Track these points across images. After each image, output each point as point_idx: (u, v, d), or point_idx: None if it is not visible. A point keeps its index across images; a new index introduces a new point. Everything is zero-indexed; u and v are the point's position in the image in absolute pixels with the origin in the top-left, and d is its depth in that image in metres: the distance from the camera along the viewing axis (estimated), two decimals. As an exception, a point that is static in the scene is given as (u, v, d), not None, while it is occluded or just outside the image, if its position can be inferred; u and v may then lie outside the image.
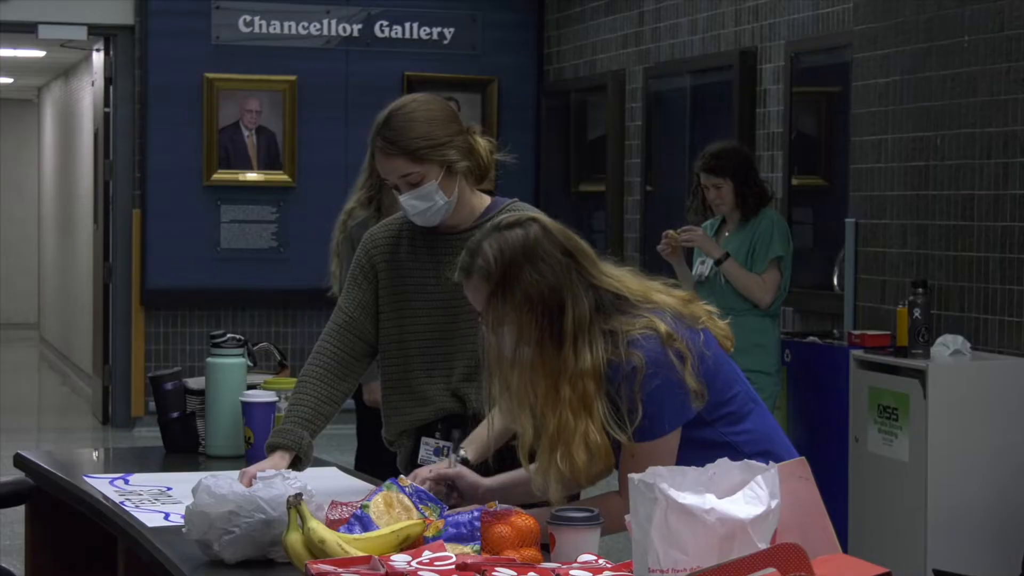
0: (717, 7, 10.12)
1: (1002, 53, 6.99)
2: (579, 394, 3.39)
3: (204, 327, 11.32)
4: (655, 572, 2.25)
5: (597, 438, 3.37)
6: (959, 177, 7.28)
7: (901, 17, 7.63)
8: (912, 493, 6.75)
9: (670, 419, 3.42)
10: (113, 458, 4.99)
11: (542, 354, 3.42)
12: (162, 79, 11.97)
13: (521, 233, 3.48)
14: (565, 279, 3.46)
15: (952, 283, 7.30)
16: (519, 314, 3.42)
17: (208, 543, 3.49)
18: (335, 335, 4.25)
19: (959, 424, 6.70)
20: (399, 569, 2.92)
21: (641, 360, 3.35)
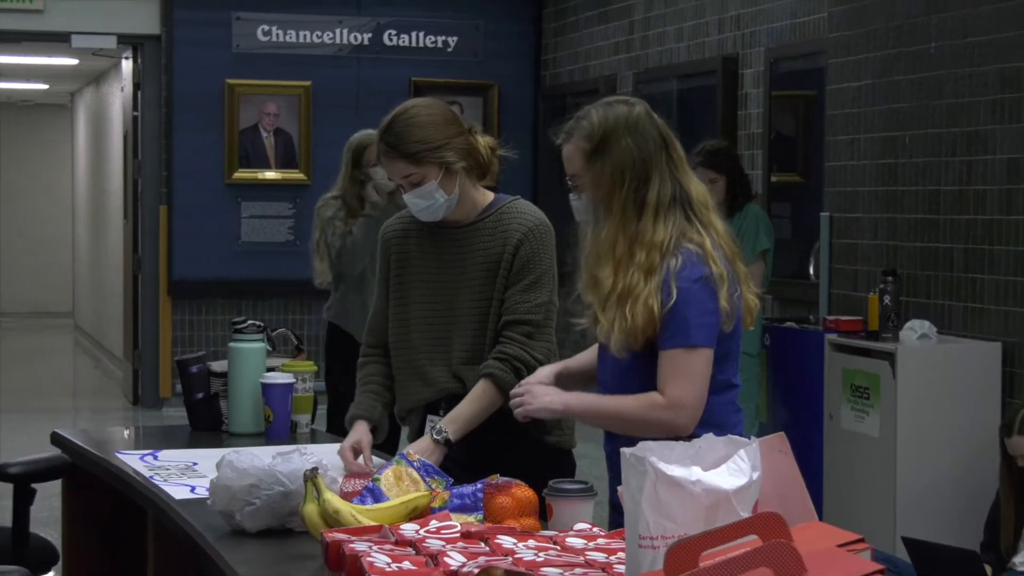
0: (702, 16, 10.11)
1: (965, 59, 6.99)
2: (649, 261, 3.49)
3: (226, 314, 11.32)
4: (646, 539, 2.25)
5: (653, 304, 3.45)
6: (926, 174, 7.28)
7: (872, 25, 7.63)
8: (882, 466, 6.75)
9: (699, 330, 3.49)
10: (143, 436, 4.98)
11: (624, 218, 3.54)
12: (186, 85, 11.97)
13: (626, 109, 3.60)
14: (656, 158, 3.57)
15: (919, 272, 7.30)
16: (611, 178, 3.54)
17: (231, 514, 3.49)
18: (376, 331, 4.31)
19: (926, 403, 6.71)
20: (408, 537, 2.92)
21: (682, 261, 3.48)
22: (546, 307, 4.09)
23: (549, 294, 4.11)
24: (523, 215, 4.15)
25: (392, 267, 4.25)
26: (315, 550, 3.20)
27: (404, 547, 2.86)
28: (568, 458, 4.21)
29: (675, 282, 3.46)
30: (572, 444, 4.23)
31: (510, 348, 4.01)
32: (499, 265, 4.10)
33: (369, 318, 4.37)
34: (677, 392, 3.50)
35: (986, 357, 6.79)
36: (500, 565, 2.60)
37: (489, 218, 4.15)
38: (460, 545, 2.84)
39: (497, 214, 4.16)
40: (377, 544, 2.88)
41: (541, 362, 4.01)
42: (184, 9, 11.98)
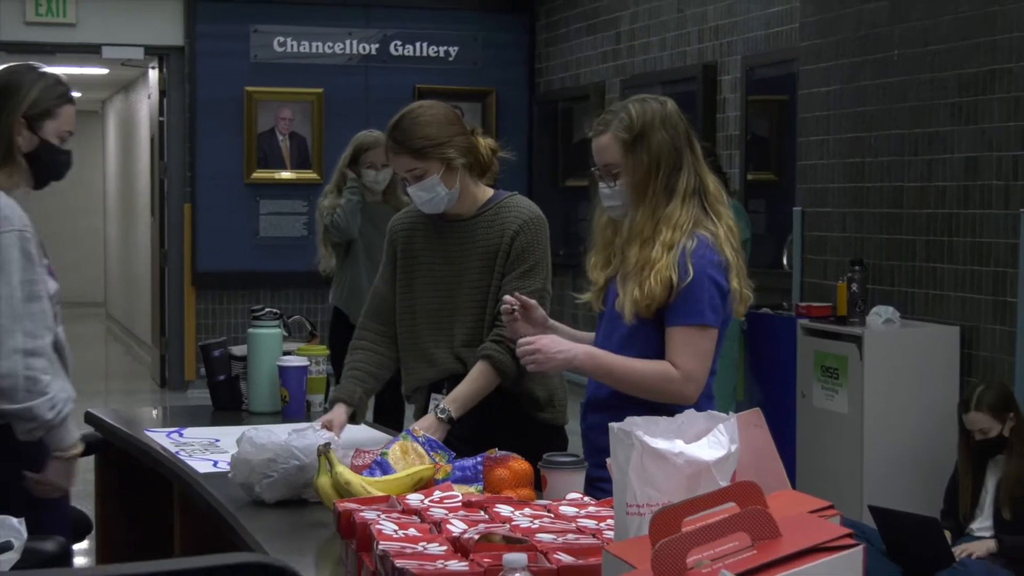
0: (683, 27, 10.11)
1: (926, 65, 6.99)
2: (672, 239, 3.53)
3: (246, 303, 11.31)
4: (632, 507, 2.25)
5: (672, 275, 3.49)
6: (890, 171, 7.28)
7: (840, 35, 7.63)
8: (850, 441, 6.76)
9: (711, 310, 3.53)
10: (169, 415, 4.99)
11: (656, 202, 3.59)
12: (208, 92, 11.96)
13: (659, 105, 3.65)
14: (685, 150, 3.63)
15: (884, 262, 7.31)
16: (647, 166, 3.58)
17: (250, 486, 3.49)
18: (374, 312, 4.29)
19: (890, 382, 6.71)
20: (413, 506, 2.92)
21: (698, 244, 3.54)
22: (540, 293, 4.09)
23: (543, 281, 4.12)
24: (519, 208, 4.16)
25: (399, 258, 4.25)
26: (328, 519, 3.20)
27: (410, 515, 2.86)
28: (560, 433, 4.21)
29: (691, 262, 3.50)
30: (564, 421, 4.23)
31: (506, 331, 4.01)
32: (497, 254, 4.11)
33: (369, 297, 4.35)
34: (690, 367, 3.54)
35: (946, 340, 6.79)
36: (498, 531, 2.60)
37: (488, 212, 4.16)
38: (462, 513, 2.84)
39: (495, 208, 4.16)
40: (385, 513, 2.88)
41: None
42: (206, 22, 11.97)
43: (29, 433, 3.62)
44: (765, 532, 1.97)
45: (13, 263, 3.58)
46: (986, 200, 6.66)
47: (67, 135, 3.78)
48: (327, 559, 3.03)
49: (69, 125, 3.78)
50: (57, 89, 3.76)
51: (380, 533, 2.67)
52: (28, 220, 3.65)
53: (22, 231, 3.61)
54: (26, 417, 3.59)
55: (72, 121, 3.79)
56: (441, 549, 2.56)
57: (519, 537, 2.58)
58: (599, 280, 3.74)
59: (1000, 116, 6.57)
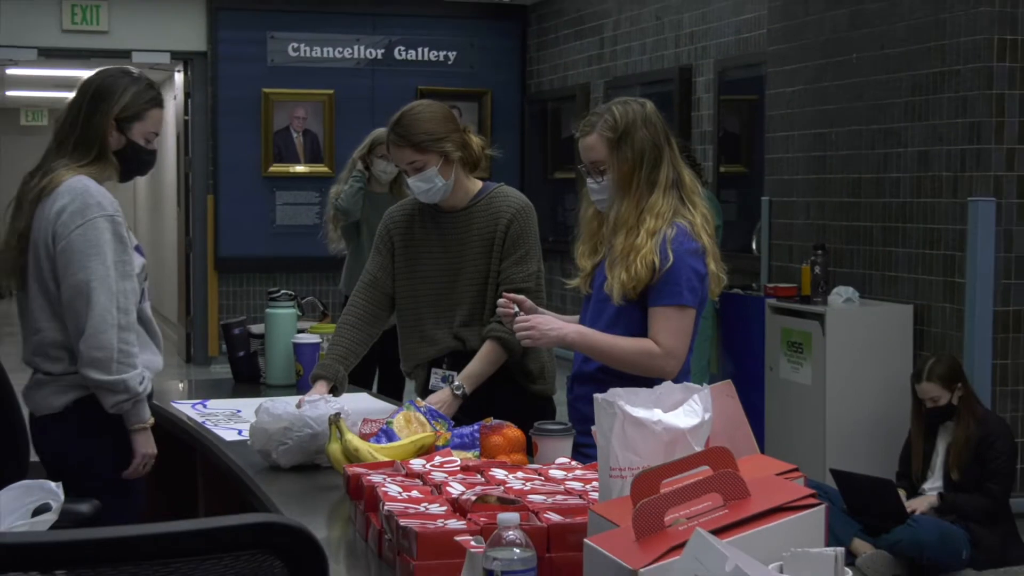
0: (661, 33, 10.10)
1: (882, 67, 6.99)
2: (655, 226, 3.53)
3: (263, 286, 11.32)
4: (615, 470, 2.25)
5: (655, 259, 3.49)
6: (849, 164, 7.28)
7: (804, 40, 7.62)
8: (813, 409, 6.77)
9: (689, 292, 3.53)
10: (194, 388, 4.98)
11: (639, 194, 3.58)
12: (229, 93, 11.95)
13: (639, 107, 3.64)
14: (664, 146, 3.63)
15: (844, 246, 7.31)
16: (632, 161, 3.58)
17: (267, 452, 3.49)
18: (363, 292, 4.24)
19: (850, 355, 6.72)
20: (416, 470, 2.91)
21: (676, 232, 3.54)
22: (536, 275, 4.10)
23: (537, 264, 4.12)
24: (510, 198, 4.15)
25: (398, 247, 4.22)
26: (338, 482, 3.20)
27: (413, 479, 2.86)
28: (550, 404, 4.21)
29: (671, 247, 3.50)
30: (553, 391, 4.24)
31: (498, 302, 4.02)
32: (493, 242, 4.10)
33: (360, 279, 4.32)
34: (670, 343, 3.54)
35: (900, 317, 6.80)
36: (494, 493, 2.60)
37: (480, 202, 4.15)
38: (460, 477, 2.84)
39: (487, 199, 4.15)
40: (390, 476, 2.88)
41: None
42: (227, 30, 11.95)
43: (118, 405, 3.62)
44: (736, 493, 1.97)
45: (106, 244, 3.60)
46: (937, 190, 6.66)
47: (152, 136, 3.81)
48: (338, 519, 3.03)
49: (155, 127, 3.80)
50: (147, 94, 3.78)
51: (386, 495, 2.67)
52: (118, 206, 3.68)
53: (113, 216, 3.64)
54: (118, 388, 3.59)
55: (158, 124, 3.81)
56: (441, 509, 2.56)
57: (512, 498, 2.58)
58: (586, 267, 3.75)
59: (949, 113, 6.56)
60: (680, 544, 1.80)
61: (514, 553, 1.91)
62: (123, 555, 1.64)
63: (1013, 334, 6.49)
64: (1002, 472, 5.98)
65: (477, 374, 4.01)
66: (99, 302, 3.57)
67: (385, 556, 2.57)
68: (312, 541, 1.73)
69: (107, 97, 3.72)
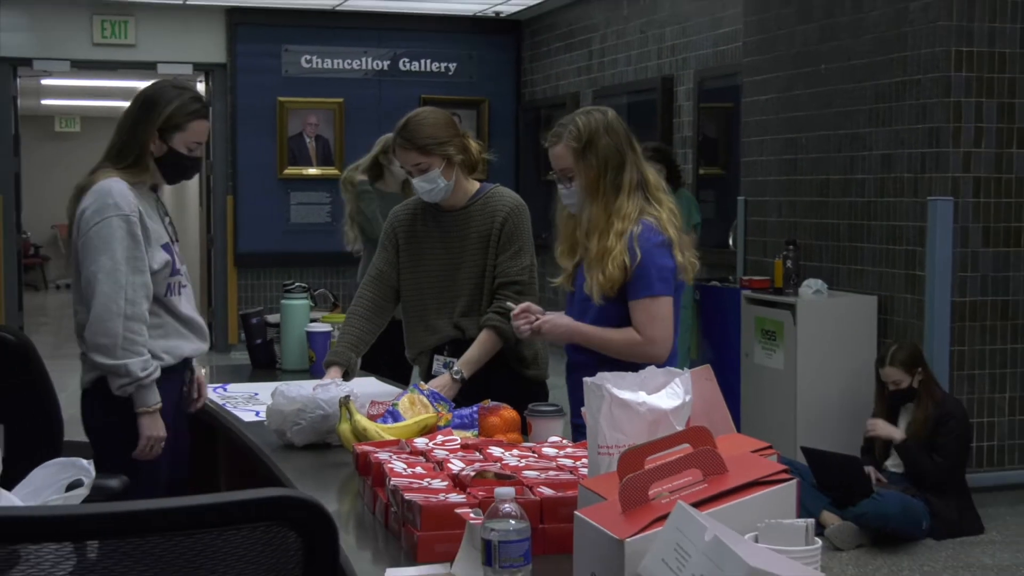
0: (645, 46, 10.09)
1: (848, 77, 6.98)
2: (622, 228, 3.51)
3: (278, 279, 11.30)
4: (603, 448, 2.25)
5: (625, 259, 3.48)
6: (818, 166, 7.28)
7: (777, 52, 7.62)
8: (786, 392, 6.77)
9: (659, 282, 3.50)
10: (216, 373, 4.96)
11: (606, 198, 3.56)
12: (247, 101, 11.93)
13: (601, 115, 3.62)
14: (627, 151, 3.60)
15: (814, 242, 7.31)
16: (596, 168, 3.55)
17: (283, 432, 3.48)
18: (371, 285, 4.25)
19: (819, 343, 6.72)
20: (420, 448, 2.91)
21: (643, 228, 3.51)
22: (530, 269, 4.10)
23: (531, 258, 4.12)
24: (505, 198, 4.15)
25: (403, 243, 4.22)
26: (348, 459, 3.20)
27: (417, 456, 2.86)
28: (543, 387, 4.21)
29: (638, 245, 3.48)
30: (546, 376, 4.23)
31: (506, 304, 4.01)
32: (489, 238, 4.10)
33: (367, 272, 4.32)
34: (651, 332, 3.53)
35: (865, 307, 6.80)
36: (491, 469, 2.60)
37: (477, 202, 4.15)
38: (460, 454, 2.84)
39: (484, 199, 4.15)
40: (396, 454, 2.88)
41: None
42: (244, 43, 11.94)
43: (122, 388, 3.64)
44: (714, 468, 1.97)
45: (117, 242, 3.63)
46: (899, 190, 6.66)
47: (195, 145, 3.80)
48: (347, 493, 3.03)
49: (197, 137, 3.79)
50: (190, 106, 3.77)
51: (392, 471, 2.67)
52: (137, 207, 3.68)
53: (128, 216, 3.66)
54: (120, 372, 3.61)
55: (200, 134, 3.79)
56: (443, 484, 2.56)
57: (508, 474, 2.58)
58: (568, 266, 3.74)
59: (910, 119, 6.56)
60: (663, 516, 1.80)
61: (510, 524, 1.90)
62: (149, 527, 1.64)
63: (969, 323, 6.49)
64: (949, 448, 6.00)
65: (475, 360, 4.02)
66: (103, 292, 3.60)
67: (391, 527, 2.57)
68: (324, 514, 1.73)
69: (152, 107, 3.74)
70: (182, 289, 3.87)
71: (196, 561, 1.66)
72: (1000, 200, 6.50)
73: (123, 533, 1.63)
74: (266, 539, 1.69)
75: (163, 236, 3.79)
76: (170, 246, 3.81)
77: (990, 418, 6.53)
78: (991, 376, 6.53)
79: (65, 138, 21.52)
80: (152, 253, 3.71)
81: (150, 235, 3.72)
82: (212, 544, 1.66)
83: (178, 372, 3.88)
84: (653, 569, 1.70)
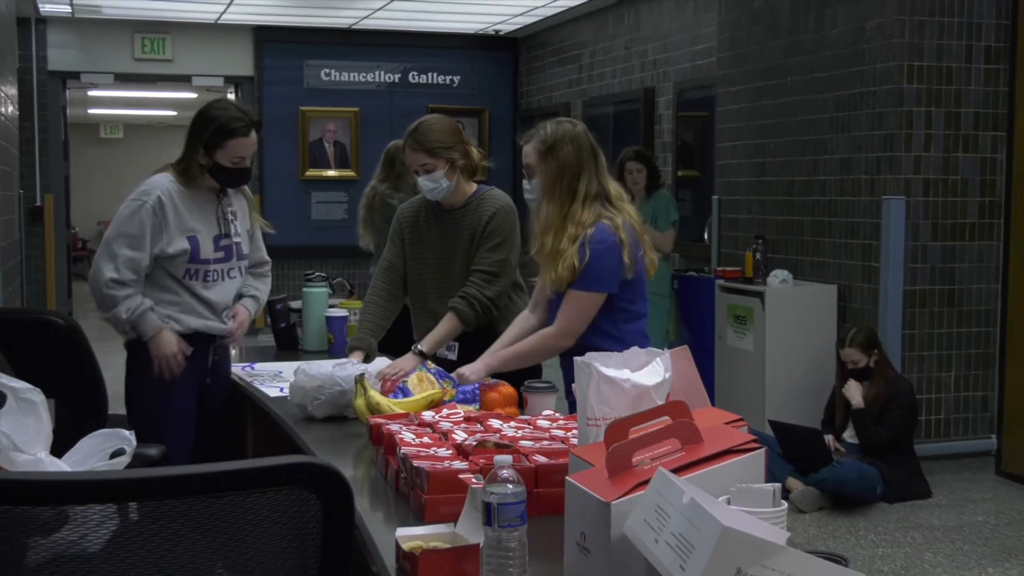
0: (629, 61, 10.08)
1: (812, 88, 6.98)
2: (575, 232, 3.46)
3: (300, 269, 11.29)
4: (592, 420, 2.24)
5: (574, 261, 3.44)
6: (784, 169, 7.27)
7: (747, 66, 7.60)
8: (755, 371, 6.77)
9: (598, 281, 3.45)
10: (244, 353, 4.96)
11: (561, 201, 3.51)
12: (272, 110, 11.90)
13: (571, 126, 3.57)
14: (588, 163, 3.54)
15: (780, 237, 7.31)
16: (555, 171, 3.51)
17: (304, 406, 3.49)
18: (382, 276, 4.26)
19: (785, 326, 6.72)
20: (427, 421, 2.91)
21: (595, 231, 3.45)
22: (503, 263, 4.06)
23: (507, 254, 4.08)
24: (495, 199, 4.15)
25: (406, 237, 4.23)
26: (362, 430, 3.20)
27: (424, 428, 2.86)
28: (537, 366, 4.20)
29: (589, 246, 3.44)
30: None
31: (471, 289, 4.01)
32: (477, 234, 4.10)
33: (379, 264, 4.32)
34: (565, 323, 3.49)
35: (826, 295, 6.80)
36: (491, 439, 2.60)
37: (473, 202, 4.15)
38: (463, 426, 2.84)
39: (478, 200, 4.15)
40: (406, 426, 2.88)
41: (493, 300, 4.01)
42: (270, 58, 11.91)
43: (125, 334, 3.89)
44: (691, 438, 1.96)
45: (122, 219, 3.84)
46: (856, 190, 6.66)
47: (237, 160, 3.89)
48: (362, 460, 3.03)
49: (238, 152, 3.87)
50: (228, 126, 3.86)
51: (402, 440, 2.67)
52: (169, 198, 3.85)
53: (144, 203, 3.84)
54: (112, 321, 3.87)
55: (240, 149, 3.87)
56: (447, 452, 2.56)
57: (506, 443, 2.57)
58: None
59: (867, 126, 6.56)
60: (645, 481, 1.80)
61: (508, 489, 1.90)
62: (183, 490, 1.64)
63: (919, 309, 6.50)
64: (895, 422, 6.01)
65: (437, 339, 3.95)
66: (96, 261, 3.85)
67: (401, 491, 2.56)
68: (340, 479, 1.72)
69: (199, 126, 3.89)
70: (208, 276, 3.94)
71: (226, 521, 1.66)
72: (947, 199, 6.50)
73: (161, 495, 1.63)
74: (289, 501, 1.69)
75: (192, 229, 3.89)
76: (196, 238, 3.90)
77: (937, 394, 6.54)
78: (939, 357, 6.53)
79: (109, 144, 21.49)
80: (170, 239, 3.84)
81: (169, 224, 3.84)
82: (241, 506, 1.66)
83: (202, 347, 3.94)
84: (636, 529, 1.70)
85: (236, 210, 4.04)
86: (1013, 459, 6.50)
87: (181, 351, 3.90)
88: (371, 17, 11.32)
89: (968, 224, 6.53)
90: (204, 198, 3.94)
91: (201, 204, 3.93)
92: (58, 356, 3.71)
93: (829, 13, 6.81)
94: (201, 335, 3.96)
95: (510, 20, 11.63)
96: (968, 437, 6.59)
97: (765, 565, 1.50)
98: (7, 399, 2.74)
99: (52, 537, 1.58)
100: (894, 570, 5.02)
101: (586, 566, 1.88)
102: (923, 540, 5.45)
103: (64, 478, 1.65)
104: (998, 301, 6.58)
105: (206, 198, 3.94)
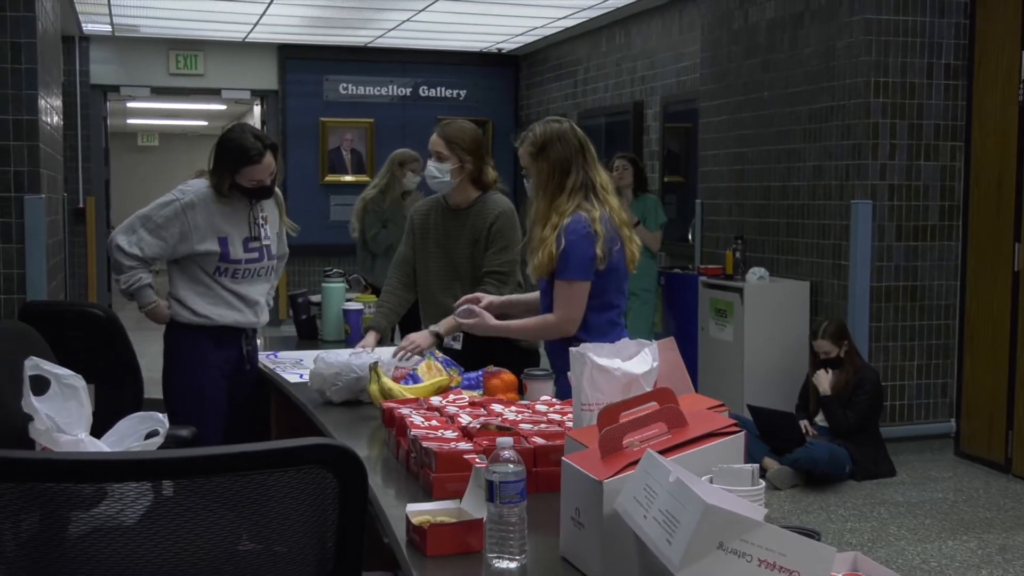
0: (620, 76, 10.06)
1: (787, 102, 6.96)
2: (556, 222, 3.41)
3: (320, 266, 11.28)
4: (586, 405, 2.24)
5: (552, 248, 3.39)
6: (761, 175, 7.26)
7: (727, 82, 7.59)
8: (735, 360, 6.76)
9: (576, 269, 3.38)
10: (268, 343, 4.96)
11: (551, 196, 3.46)
12: (294, 121, 11.90)
13: (558, 125, 3.50)
14: (575, 158, 3.47)
15: (758, 237, 7.29)
16: (547, 170, 3.46)
17: (323, 391, 3.48)
18: (397, 268, 4.29)
19: (762, 319, 6.71)
20: (435, 405, 2.91)
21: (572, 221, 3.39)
22: (511, 263, 4.08)
23: (513, 254, 4.10)
24: (496, 204, 4.15)
25: (417, 233, 4.24)
26: (376, 414, 3.19)
27: (432, 411, 2.85)
28: (535, 355, 4.20)
29: (564, 235, 3.37)
30: (537, 346, 4.22)
31: (488, 288, 4.02)
32: (480, 236, 4.10)
33: (395, 258, 4.33)
34: (562, 313, 3.42)
35: (800, 291, 6.79)
36: (494, 422, 2.59)
37: (476, 205, 4.16)
38: (468, 410, 2.83)
39: (481, 203, 4.16)
40: (416, 410, 2.87)
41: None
42: (293, 73, 11.90)
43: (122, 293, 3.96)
44: (677, 422, 1.96)
45: (155, 205, 3.90)
46: (827, 195, 6.65)
47: (255, 182, 3.93)
48: (375, 441, 3.02)
49: (254, 176, 3.92)
50: (246, 153, 3.89)
51: (412, 423, 2.66)
52: (203, 201, 3.90)
53: (178, 200, 3.90)
54: (120, 287, 3.93)
55: (255, 174, 3.90)
56: (454, 434, 2.55)
57: (508, 426, 2.57)
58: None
59: (837, 137, 6.54)
60: (635, 461, 1.79)
61: (509, 468, 1.90)
62: (212, 468, 1.63)
63: (884, 303, 6.49)
64: (861, 407, 6.01)
65: (451, 326, 3.90)
66: (116, 234, 3.88)
67: (411, 470, 2.56)
68: (355, 458, 1.72)
69: (219, 154, 3.92)
70: (236, 273, 3.95)
71: (251, 496, 1.65)
72: (910, 203, 6.49)
73: (192, 474, 1.62)
74: (308, 479, 1.69)
75: (223, 231, 3.91)
76: (226, 240, 3.92)
77: (901, 381, 6.53)
78: (902, 347, 6.53)
79: (146, 151, 21.48)
80: (200, 237, 3.88)
81: (199, 225, 3.88)
82: (264, 483, 1.66)
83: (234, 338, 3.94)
84: (627, 505, 1.69)
85: (268, 215, 4.07)
86: (970, 441, 6.50)
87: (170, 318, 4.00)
88: (385, 36, 11.31)
89: (929, 226, 6.52)
90: (239, 203, 3.97)
91: (236, 208, 3.96)
92: (98, 345, 3.72)
93: (802, 34, 6.80)
94: (233, 328, 3.97)
95: (512, 39, 11.62)
96: (929, 421, 6.59)
97: (745, 539, 1.49)
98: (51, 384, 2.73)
99: (92, 512, 1.58)
100: (862, 542, 5.01)
101: (580, 539, 1.88)
102: (888, 515, 5.44)
103: (103, 458, 1.64)
104: (956, 296, 6.58)
105: (240, 203, 3.97)
